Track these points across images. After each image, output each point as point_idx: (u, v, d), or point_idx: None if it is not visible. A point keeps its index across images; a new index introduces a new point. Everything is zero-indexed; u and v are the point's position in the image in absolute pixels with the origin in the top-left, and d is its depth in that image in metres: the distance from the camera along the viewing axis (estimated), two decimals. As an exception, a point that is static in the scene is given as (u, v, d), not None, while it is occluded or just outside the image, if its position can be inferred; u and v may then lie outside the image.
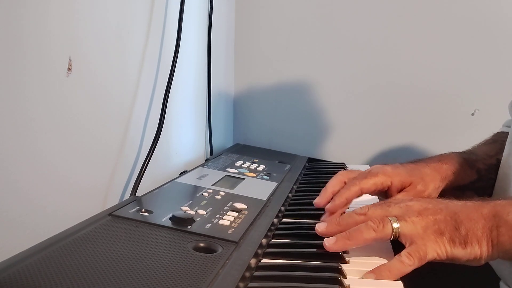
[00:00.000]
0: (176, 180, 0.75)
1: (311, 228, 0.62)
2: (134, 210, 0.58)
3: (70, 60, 0.58)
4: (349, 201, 0.65)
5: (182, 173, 0.83)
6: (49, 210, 0.57)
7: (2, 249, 0.48)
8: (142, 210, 0.58)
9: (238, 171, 0.86)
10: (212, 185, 0.74)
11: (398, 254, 0.52)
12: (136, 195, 0.67)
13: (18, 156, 0.52)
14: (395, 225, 0.52)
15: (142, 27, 0.78)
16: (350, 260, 0.53)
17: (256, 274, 0.49)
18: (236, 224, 0.59)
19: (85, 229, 0.51)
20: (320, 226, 0.57)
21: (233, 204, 0.66)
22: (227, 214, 0.61)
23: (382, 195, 0.70)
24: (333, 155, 1.23)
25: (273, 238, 0.60)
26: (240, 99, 1.30)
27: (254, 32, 1.27)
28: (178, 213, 0.57)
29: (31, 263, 0.42)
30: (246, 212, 0.64)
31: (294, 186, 0.85)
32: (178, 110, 0.94)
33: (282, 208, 0.71)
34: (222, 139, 1.24)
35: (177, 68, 0.81)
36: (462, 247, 0.51)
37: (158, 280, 0.42)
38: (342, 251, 0.54)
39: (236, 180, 0.80)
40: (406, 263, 0.50)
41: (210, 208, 0.63)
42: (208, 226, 0.56)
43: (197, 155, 1.06)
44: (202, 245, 0.52)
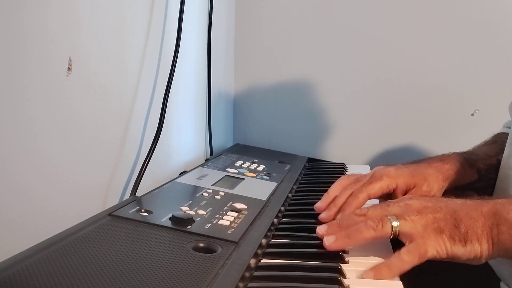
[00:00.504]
0: (176, 180, 0.75)
1: (311, 228, 0.62)
2: (134, 210, 0.58)
3: (70, 60, 0.58)
4: (358, 208, 0.64)
5: (182, 173, 0.83)
6: (49, 210, 0.57)
7: (2, 249, 0.48)
8: (142, 210, 0.58)
9: (238, 171, 0.86)
10: (212, 185, 0.74)
11: (398, 251, 0.52)
12: (136, 195, 0.67)
13: (18, 156, 0.52)
14: (395, 223, 0.52)
15: (142, 27, 0.78)
16: (350, 260, 0.53)
17: (255, 274, 0.49)
18: (235, 224, 0.59)
19: (85, 229, 0.51)
20: (321, 229, 0.57)
21: (233, 204, 0.66)
22: (227, 214, 0.61)
23: (387, 198, 0.69)
24: (333, 155, 1.23)
25: (273, 238, 0.60)
26: (240, 99, 1.30)
27: (254, 32, 1.27)
28: (178, 213, 0.57)
29: (31, 263, 0.42)
30: (246, 212, 0.64)
31: (294, 186, 0.85)
32: (178, 110, 0.94)
33: (282, 208, 0.71)
34: (222, 139, 1.24)
35: (177, 68, 0.81)
36: (462, 245, 0.51)
37: (158, 280, 0.42)
38: (342, 251, 0.54)
39: (236, 180, 0.80)
40: (405, 261, 0.50)
41: (210, 208, 0.63)
42: (207, 226, 0.56)
43: (197, 155, 1.06)
44: (201, 245, 0.52)
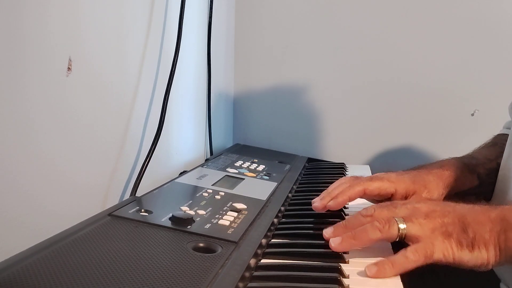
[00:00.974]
0: (176, 180, 0.75)
1: (311, 228, 0.62)
2: (134, 210, 0.58)
3: (70, 60, 0.58)
4: (351, 199, 0.65)
5: (182, 173, 0.83)
6: (49, 210, 0.57)
7: (2, 249, 0.48)
8: (142, 210, 0.58)
9: (238, 171, 0.86)
10: (212, 185, 0.74)
11: (404, 249, 0.51)
12: (136, 195, 0.67)
13: (18, 156, 0.52)
14: (402, 226, 0.52)
15: (142, 27, 0.78)
16: (350, 260, 0.53)
17: (255, 274, 0.49)
18: (235, 224, 0.59)
19: (85, 229, 0.51)
20: (327, 232, 0.56)
21: (232, 204, 0.66)
22: (227, 214, 0.61)
23: (384, 201, 0.69)
24: (333, 155, 1.23)
25: (272, 238, 0.60)
26: (240, 99, 1.30)
27: (254, 32, 1.27)
28: (177, 213, 0.57)
29: (31, 263, 0.42)
30: (246, 212, 0.64)
31: (294, 186, 0.85)
32: (178, 110, 0.94)
33: (282, 208, 0.71)
34: (222, 139, 1.24)
35: (177, 68, 0.81)
36: (469, 250, 0.51)
37: (157, 280, 0.42)
38: (343, 251, 0.54)
39: (236, 180, 0.80)
40: (410, 259, 0.50)
41: (210, 208, 0.63)
42: (207, 226, 0.57)
43: (197, 155, 1.06)
44: (201, 245, 0.52)
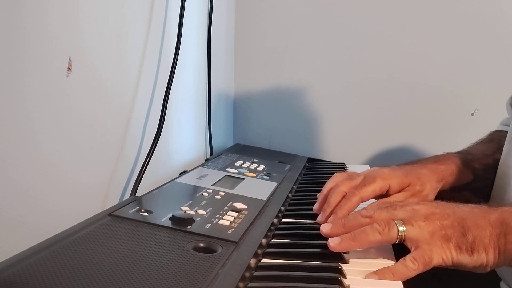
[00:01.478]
0: (176, 180, 0.75)
1: (311, 228, 0.62)
2: (134, 210, 0.58)
3: (70, 60, 0.58)
4: (350, 211, 0.64)
5: (182, 173, 0.83)
6: (49, 210, 0.57)
7: (2, 249, 0.48)
8: (142, 210, 0.58)
9: (238, 171, 0.86)
10: (212, 185, 0.74)
11: (403, 258, 0.51)
12: (136, 195, 0.67)
13: (18, 155, 0.52)
14: (401, 228, 0.52)
15: (142, 27, 0.78)
16: (350, 260, 0.53)
17: (256, 274, 0.49)
18: (236, 224, 0.59)
19: (85, 229, 0.51)
20: (325, 227, 0.56)
21: (233, 204, 0.66)
22: (227, 214, 0.61)
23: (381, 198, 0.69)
24: (333, 155, 1.23)
25: (273, 238, 0.60)
26: (240, 99, 1.30)
27: (254, 32, 1.27)
28: (178, 213, 0.57)
29: (31, 263, 0.42)
30: (246, 212, 0.64)
31: (294, 186, 0.85)
32: (178, 110, 0.94)
33: (282, 208, 0.71)
34: (222, 139, 1.24)
35: (177, 68, 0.81)
36: (469, 254, 0.51)
37: (158, 280, 0.42)
38: (343, 252, 0.54)
39: (236, 180, 0.80)
40: (410, 268, 0.50)
41: (210, 208, 0.63)
42: (208, 226, 0.56)
43: (197, 155, 1.06)
44: (202, 245, 0.52)
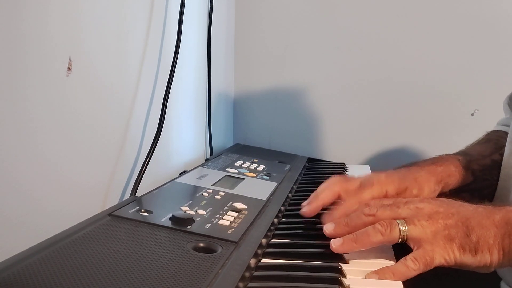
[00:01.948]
0: (176, 180, 0.75)
1: (311, 228, 0.62)
2: (134, 210, 0.58)
3: (70, 60, 0.58)
4: (347, 214, 0.63)
5: (182, 173, 0.83)
6: (49, 210, 0.57)
7: (2, 249, 0.48)
8: (142, 210, 0.58)
9: (238, 171, 0.86)
10: (212, 185, 0.74)
11: (404, 258, 0.51)
12: (136, 195, 0.67)
13: (18, 156, 0.52)
14: (403, 228, 0.52)
15: (142, 27, 0.78)
16: (350, 260, 0.53)
17: (255, 274, 0.49)
18: (236, 224, 0.59)
19: (85, 229, 0.51)
20: (328, 228, 0.56)
21: (233, 204, 0.66)
22: (227, 214, 0.61)
23: None
24: (333, 155, 1.23)
25: (272, 238, 0.60)
26: (240, 99, 1.30)
27: (254, 32, 1.27)
28: (177, 213, 0.57)
29: (31, 263, 0.42)
30: (246, 212, 0.64)
31: (294, 186, 0.85)
32: (178, 110, 0.94)
33: (282, 208, 0.71)
34: (222, 139, 1.24)
35: (177, 68, 0.81)
36: (472, 255, 0.51)
37: (157, 280, 0.42)
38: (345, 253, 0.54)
39: (236, 180, 0.80)
40: (411, 268, 0.50)
41: (210, 208, 0.63)
42: (207, 226, 0.56)
43: (197, 155, 1.06)
44: (201, 245, 0.52)
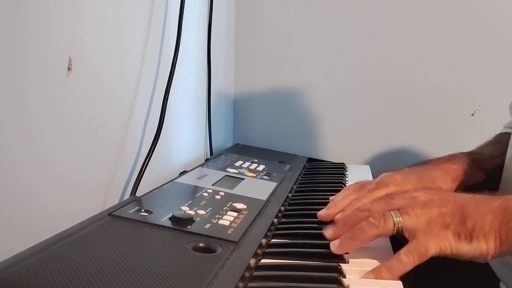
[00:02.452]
0: (175, 180, 0.75)
1: (311, 228, 0.62)
2: (134, 210, 0.58)
3: (70, 59, 0.58)
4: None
5: (182, 173, 0.83)
6: (49, 210, 0.57)
7: (2, 249, 0.48)
8: (142, 210, 0.58)
9: (238, 171, 0.86)
10: (211, 185, 0.74)
11: (397, 252, 0.50)
12: (136, 195, 0.67)
13: (18, 156, 0.52)
14: (397, 219, 0.51)
15: (142, 27, 0.78)
16: (350, 260, 0.53)
17: (255, 274, 0.49)
18: (235, 224, 0.59)
19: (85, 229, 0.51)
20: (328, 232, 0.55)
21: (232, 204, 0.66)
22: (227, 214, 0.61)
23: None
24: (333, 155, 1.23)
25: (272, 238, 0.60)
26: (240, 99, 1.30)
27: (254, 32, 1.27)
28: (177, 213, 0.57)
29: (31, 263, 0.42)
30: (246, 212, 0.64)
31: (294, 186, 0.85)
32: (178, 110, 0.94)
33: (282, 208, 0.71)
34: (222, 139, 1.24)
35: (177, 68, 0.81)
36: (468, 242, 0.49)
37: (157, 280, 0.42)
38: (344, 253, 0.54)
39: (236, 180, 0.80)
40: (405, 262, 0.49)
41: (210, 208, 0.63)
42: (207, 226, 0.57)
43: (197, 155, 1.06)
44: (201, 245, 0.52)
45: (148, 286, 0.41)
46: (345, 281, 0.47)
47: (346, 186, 0.79)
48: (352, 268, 0.51)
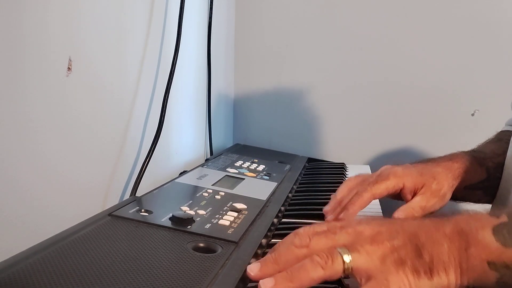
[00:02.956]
0: (176, 180, 0.75)
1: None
2: (134, 210, 0.58)
3: (70, 60, 0.58)
4: (362, 208, 0.63)
5: (182, 173, 0.83)
6: (49, 210, 0.57)
7: (2, 249, 0.48)
8: (142, 210, 0.58)
9: (238, 171, 0.86)
10: (212, 185, 0.74)
11: None
12: (136, 195, 0.67)
13: (18, 156, 0.52)
14: (347, 258, 0.43)
15: (142, 27, 0.78)
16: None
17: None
18: (236, 224, 0.59)
19: (85, 229, 0.51)
20: (252, 269, 0.45)
21: (233, 204, 0.66)
22: (227, 214, 0.61)
23: (396, 198, 0.68)
24: (333, 155, 1.23)
25: (272, 238, 0.60)
26: (240, 99, 1.30)
27: (254, 32, 1.27)
28: (177, 213, 0.57)
29: (31, 263, 0.42)
30: (246, 212, 0.64)
31: (294, 186, 0.85)
32: (178, 110, 0.94)
33: (282, 208, 0.71)
34: (222, 139, 1.24)
35: (177, 68, 0.81)
36: (428, 278, 0.43)
37: (157, 280, 0.42)
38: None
39: (236, 180, 0.80)
40: None
41: (210, 208, 0.63)
42: (207, 226, 0.56)
43: (197, 155, 1.06)
44: (201, 245, 0.52)
45: (148, 286, 0.41)
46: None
47: None
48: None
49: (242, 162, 0.94)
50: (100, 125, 0.67)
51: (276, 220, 0.65)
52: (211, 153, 1.11)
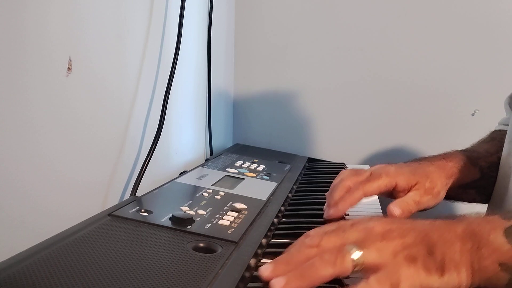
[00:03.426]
0: (176, 180, 0.75)
1: (311, 228, 0.62)
2: (134, 210, 0.58)
3: (70, 60, 0.58)
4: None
5: (182, 173, 0.83)
6: (49, 210, 0.57)
7: (2, 249, 0.48)
8: (142, 210, 0.58)
9: (238, 171, 0.86)
10: (212, 185, 0.74)
11: (365, 280, 0.43)
12: (136, 195, 0.67)
13: (18, 156, 0.52)
14: (357, 254, 0.43)
15: (142, 27, 0.78)
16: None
17: (256, 274, 0.49)
18: (236, 224, 0.59)
19: (85, 229, 0.51)
20: (264, 270, 0.45)
21: (233, 204, 0.66)
22: (227, 214, 0.61)
23: (389, 196, 0.68)
24: (333, 155, 1.23)
25: (273, 238, 0.60)
26: (240, 99, 1.30)
27: (254, 32, 1.27)
28: (177, 213, 0.57)
29: (31, 263, 0.42)
30: (246, 212, 0.64)
31: (294, 186, 0.85)
32: (178, 110, 0.94)
33: (282, 208, 0.71)
34: (222, 139, 1.24)
35: (177, 68, 0.81)
36: (439, 275, 0.43)
37: (157, 280, 0.42)
38: None
39: (236, 180, 0.80)
40: None
41: (210, 208, 0.63)
42: (207, 226, 0.56)
43: (197, 155, 1.06)
44: (201, 245, 0.52)
45: (148, 286, 0.41)
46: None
47: None
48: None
49: (242, 162, 0.94)
50: (100, 125, 0.67)
51: (276, 220, 0.65)
52: (211, 153, 1.11)
